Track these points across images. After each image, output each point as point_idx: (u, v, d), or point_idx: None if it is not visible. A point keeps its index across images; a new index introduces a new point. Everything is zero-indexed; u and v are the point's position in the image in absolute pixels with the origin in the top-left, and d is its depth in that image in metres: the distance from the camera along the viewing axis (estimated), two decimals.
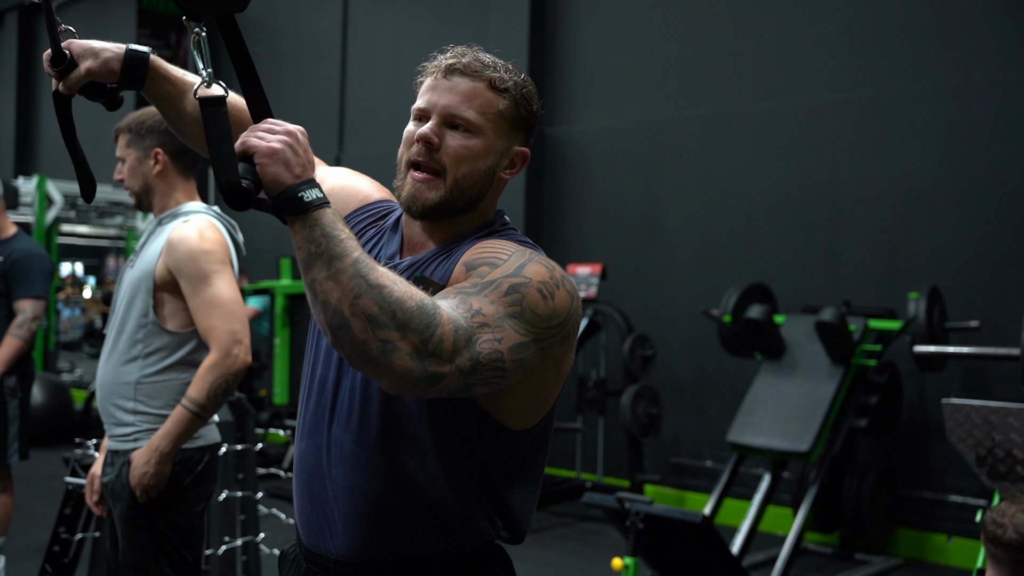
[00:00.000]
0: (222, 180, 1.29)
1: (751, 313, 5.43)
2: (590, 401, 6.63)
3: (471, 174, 1.52)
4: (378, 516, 1.48)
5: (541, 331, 1.40)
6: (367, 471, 1.48)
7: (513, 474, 1.54)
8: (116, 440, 2.70)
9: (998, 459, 4.08)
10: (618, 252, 7.17)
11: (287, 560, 1.64)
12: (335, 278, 1.26)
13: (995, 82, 5.67)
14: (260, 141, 1.31)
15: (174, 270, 2.66)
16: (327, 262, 1.27)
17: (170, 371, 2.68)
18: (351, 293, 1.26)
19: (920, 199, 5.88)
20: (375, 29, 9.34)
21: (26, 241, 4.65)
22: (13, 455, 4.50)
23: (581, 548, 5.74)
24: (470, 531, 1.51)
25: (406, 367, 1.27)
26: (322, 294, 1.27)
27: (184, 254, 2.65)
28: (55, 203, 9.32)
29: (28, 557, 4.78)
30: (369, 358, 1.27)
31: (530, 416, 1.52)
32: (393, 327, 1.26)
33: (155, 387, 2.66)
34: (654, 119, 7.17)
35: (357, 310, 1.25)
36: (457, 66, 1.53)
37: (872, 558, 5.55)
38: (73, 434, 7.14)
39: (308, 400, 1.58)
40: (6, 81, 14.22)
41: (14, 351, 4.39)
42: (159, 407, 2.66)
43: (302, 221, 1.29)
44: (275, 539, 4.26)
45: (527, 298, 1.39)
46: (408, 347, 1.26)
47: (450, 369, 1.30)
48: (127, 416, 2.67)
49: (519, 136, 1.58)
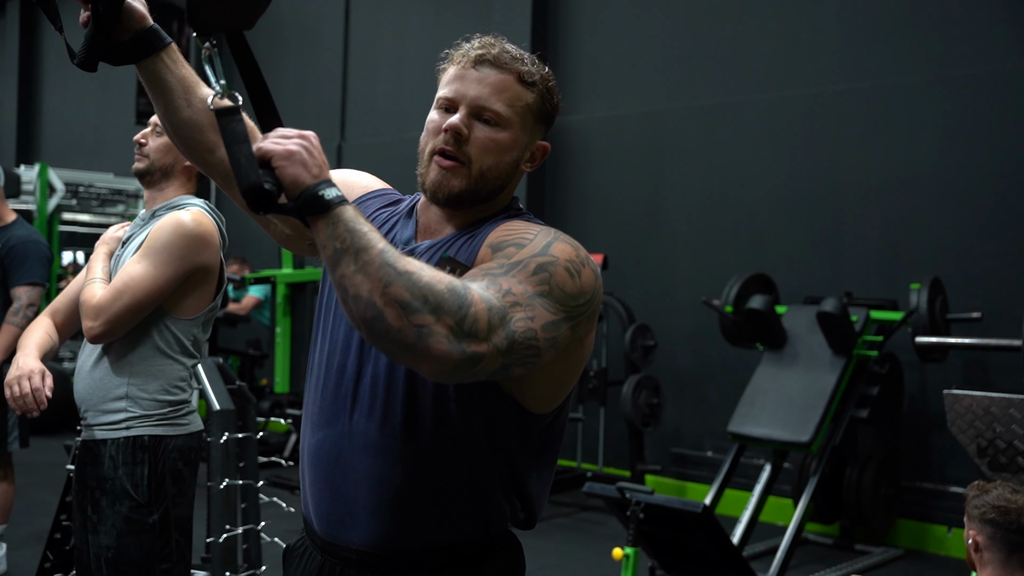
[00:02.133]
0: (244, 183, 1.30)
1: (753, 303, 5.45)
2: (591, 391, 6.63)
3: (496, 166, 1.53)
4: (403, 505, 1.48)
5: (570, 309, 1.40)
6: (393, 459, 1.48)
7: (532, 459, 1.55)
8: (103, 429, 2.62)
9: (999, 450, 4.08)
10: (620, 242, 7.17)
11: (295, 554, 1.62)
12: (363, 270, 1.27)
13: (998, 73, 5.66)
14: (276, 146, 1.32)
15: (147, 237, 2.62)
16: (353, 256, 1.27)
17: (163, 357, 2.64)
18: (381, 283, 1.26)
19: (922, 190, 5.88)
20: (377, 19, 9.33)
21: (24, 228, 4.63)
22: (13, 443, 4.50)
23: (582, 538, 5.76)
24: (491, 516, 1.52)
25: (444, 350, 1.27)
26: (352, 288, 1.27)
27: (167, 224, 2.60)
28: (57, 191, 9.32)
29: (29, 544, 4.80)
30: (406, 345, 1.27)
31: (551, 399, 1.53)
32: (427, 311, 1.26)
33: (147, 373, 2.63)
34: (656, 110, 7.16)
35: (389, 299, 1.26)
36: (487, 57, 1.52)
37: (872, 549, 5.57)
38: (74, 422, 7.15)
39: (323, 390, 1.56)
40: (8, 69, 14.22)
41: (11, 338, 4.37)
42: (152, 392, 2.62)
43: (324, 219, 1.29)
44: (276, 527, 4.27)
45: (555, 277, 1.40)
46: (444, 330, 1.26)
47: (488, 349, 1.30)
48: (118, 403, 2.61)
49: (541, 130, 1.59)
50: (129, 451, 2.57)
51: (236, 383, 3.83)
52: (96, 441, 2.63)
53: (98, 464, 2.60)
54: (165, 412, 2.63)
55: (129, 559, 2.55)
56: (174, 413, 2.65)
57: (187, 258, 2.58)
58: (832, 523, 5.78)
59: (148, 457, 2.58)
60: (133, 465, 2.57)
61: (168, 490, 2.60)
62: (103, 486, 2.58)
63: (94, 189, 9.87)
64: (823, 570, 5.13)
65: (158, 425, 2.61)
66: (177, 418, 2.65)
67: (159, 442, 2.60)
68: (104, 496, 2.57)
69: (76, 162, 11.46)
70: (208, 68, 1.39)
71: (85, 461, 2.65)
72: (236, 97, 1.38)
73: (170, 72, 1.60)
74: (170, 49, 1.60)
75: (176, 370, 2.66)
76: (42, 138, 13.95)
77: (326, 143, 9.24)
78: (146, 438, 2.58)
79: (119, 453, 2.57)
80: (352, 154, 9.29)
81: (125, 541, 2.55)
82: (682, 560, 4.35)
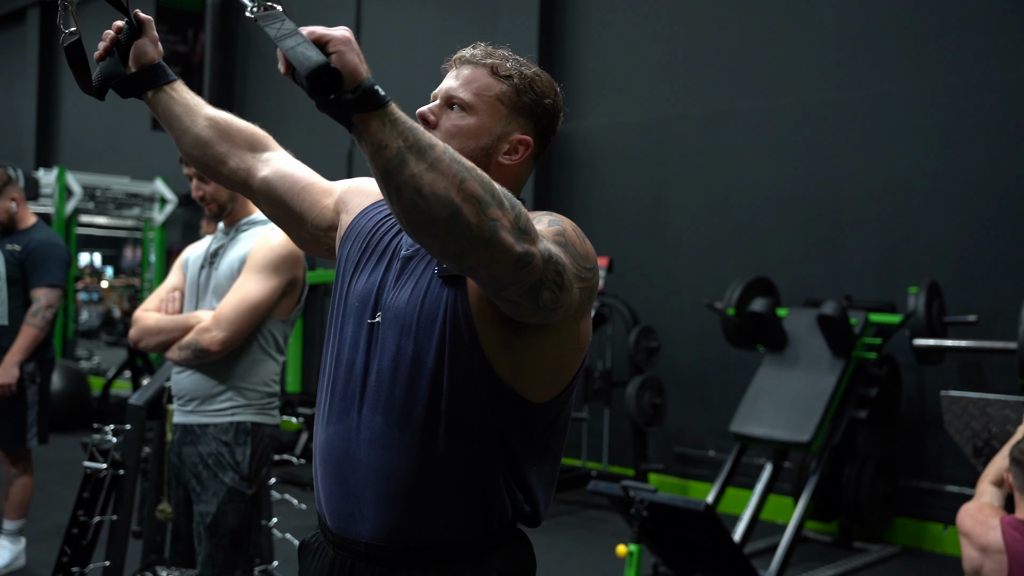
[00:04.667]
0: (308, 66, 1.19)
1: (754, 306, 5.47)
2: (596, 391, 6.68)
3: (460, 151, 1.46)
4: (408, 497, 1.49)
5: (581, 270, 1.43)
6: (398, 452, 1.49)
7: (534, 454, 1.56)
8: (208, 415, 2.96)
9: (994, 450, 4.14)
10: (624, 246, 7.23)
11: (310, 550, 1.64)
12: (435, 167, 1.23)
13: (994, 80, 5.71)
14: (329, 31, 1.24)
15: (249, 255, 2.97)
16: (421, 153, 1.23)
17: (263, 354, 3.00)
18: (456, 179, 1.23)
19: (920, 195, 5.93)
20: (387, 24, 9.39)
21: (44, 231, 4.70)
22: (32, 439, 4.58)
23: (586, 535, 5.80)
24: (495, 511, 1.53)
25: (511, 243, 1.27)
26: (427, 187, 1.22)
27: (265, 246, 2.97)
28: (74, 194, 9.41)
29: (47, 539, 4.88)
30: (483, 240, 1.25)
31: (550, 387, 1.53)
32: (495, 205, 1.26)
33: (250, 369, 2.98)
34: (659, 116, 7.21)
35: (466, 194, 1.23)
36: (466, 56, 1.60)
37: (870, 546, 5.61)
38: (91, 420, 7.28)
39: (333, 388, 1.58)
40: (28, 75, 14.30)
41: (30, 339, 4.46)
42: (254, 384, 2.98)
43: (381, 117, 1.23)
44: (287, 523, 4.33)
45: (567, 233, 1.44)
46: (509, 224, 1.27)
47: (537, 251, 1.31)
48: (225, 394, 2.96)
49: (521, 123, 1.58)
50: (232, 433, 2.93)
51: None
52: (199, 425, 2.97)
53: (200, 443, 2.95)
54: (263, 403, 3.00)
55: (224, 528, 2.89)
56: (269, 405, 3.02)
57: (289, 271, 2.99)
58: (831, 521, 5.82)
59: (250, 439, 2.94)
60: (235, 445, 2.92)
61: (262, 471, 2.97)
62: (206, 461, 2.92)
63: (111, 192, 9.99)
64: (822, 567, 5.19)
65: (257, 414, 2.98)
66: (271, 409, 3.03)
67: (258, 428, 2.97)
68: (207, 469, 2.91)
69: (93, 166, 11.55)
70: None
71: (184, 441, 2.99)
72: (273, 5, 1.32)
73: (175, 103, 1.75)
74: (175, 84, 1.75)
75: (272, 366, 3.02)
76: (60, 142, 14.03)
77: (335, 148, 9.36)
78: (248, 424, 2.95)
79: (223, 434, 2.93)
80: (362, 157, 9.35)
81: (225, 508, 2.89)
82: (685, 557, 4.39)
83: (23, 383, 4.53)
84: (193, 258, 3.17)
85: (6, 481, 4.67)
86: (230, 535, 2.88)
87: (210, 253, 3.09)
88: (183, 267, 3.21)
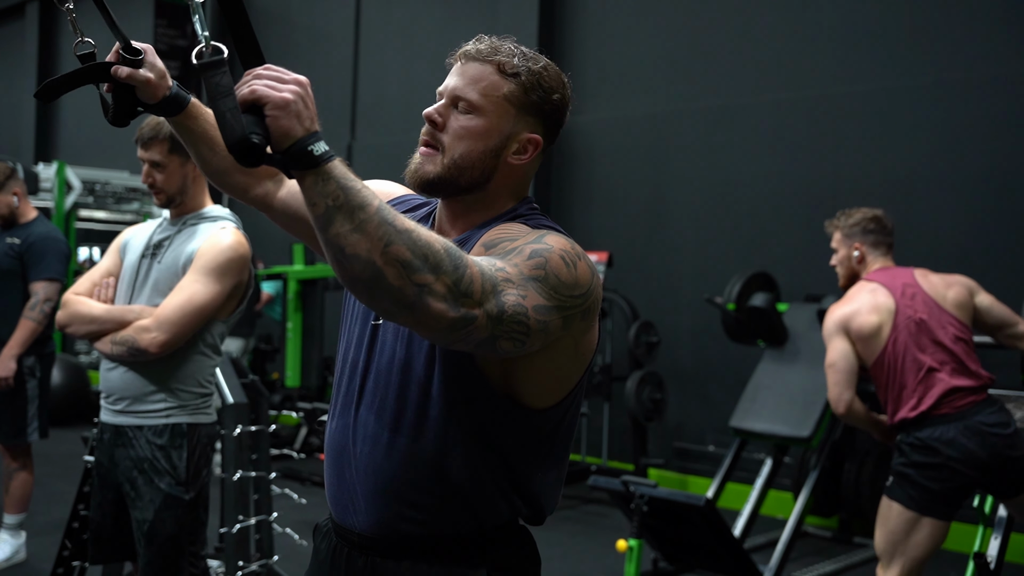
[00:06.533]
0: (231, 137, 1.22)
1: (754, 301, 5.46)
2: (596, 386, 6.68)
3: (469, 154, 1.52)
4: (396, 495, 1.52)
5: (564, 299, 1.39)
6: (387, 451, 1.52)
7: (533, 458, 1.56)
8: (141, 416, 2.86)
9: None
10: (624, 241, 7.23)
11: (320, 532, 1.69)
12: (361, 229, 1.22)
13: (996, 76, 5.71)
14: (272, 91, 1.24)
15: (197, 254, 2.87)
16: (348, 214, 1.22)
17: (199, 354, 2.90)
18: (381, 241, 1.22)
19: (920, 190, 5.93)
20: (387, 19, 9.39)
21: (44, 225, 4.70)
22: (33, 433, 4.59)
23: (586, 530, 5.82)
24: (488, 512, 1.54)
25: (441, 309, 1.26)
26: (349, 248, 1.23)
27: (215, 247, 2.87)
28: (74, 189, 9.41)
29: (48, 533, 4.87)
30: (406, 304, 1.25)
31: (551, 394, 1.52)
32: (427, 270, 1.24)
33: (186, 369, 2.88)
34: (660, 111, 7.22)
35: (390, 258, 1.23)
36: (471, 52, 1.57)
37: (870, 541, 5.60)
38: (91, 414, 7.27)
39: (340, 384, 1.63)
40: (27, 70, 14.30)
41: (28, 333, 4.46)
42: (189, 385, 2.89)
43: (314, 176, 1.23)
44: (287, 518, 4.32)
45: (550, 263, 1.39)
46: (442, 289, 1.25)
47: (480, 312, 1.29)
48: (158, 395, 2.86)
49: (529, 121, 1.56)
50: (168, 436, 2.83)
51: (249, 377, 3.93)
52: (131, 427, 2.86)
53: (133, 447, 2.84)
54: (198, 403, 2.90)
55: (160, 535, 2.79)
56: (204, 404, 2.92)
57: (236, 275, 2.89)
58: (831, 516, 5.83)
59: (186, 442, 2.84)
60: (171, 448, 2.82)
61: (202, 473, 2.87)
62: (140, 466, 2.82)
63: (110, 187, 9.99)
64: (822, 562, 5.19)
65: (193, 414, 2.89)
66: (206, 408, 2.93)
67: (195, 429, 2.87)
68: (141, 475, 2.81)
69: (92, 160, 11.56)
70: (196, 19, 1.33)
71: (116, 444, 2.88)
72: (220, 49, 1.28)
73: (195, 123, 1.76)
74: (191, 105, 1.75)
75: (207, 365, 2.93)
76: (60, 137, 14.04)
77: (336, 142, 9.33)
78: (184, 425, 2.85)
79: (157, 437, 2.83)
80: (362, 153, 9.36)
81: (162, 515, 2.78)
82: (685, 552, 4.40)
83: (23, 377, 4.53)
84: (133, 244, 3.03)
85: (6, 475, 4.67)
86: (169, 542, 2.79)
87: (153, 243, 2.97)
88: (120, 251, 3.06)
